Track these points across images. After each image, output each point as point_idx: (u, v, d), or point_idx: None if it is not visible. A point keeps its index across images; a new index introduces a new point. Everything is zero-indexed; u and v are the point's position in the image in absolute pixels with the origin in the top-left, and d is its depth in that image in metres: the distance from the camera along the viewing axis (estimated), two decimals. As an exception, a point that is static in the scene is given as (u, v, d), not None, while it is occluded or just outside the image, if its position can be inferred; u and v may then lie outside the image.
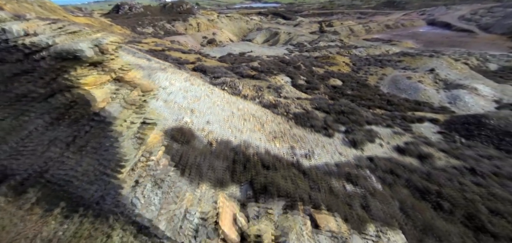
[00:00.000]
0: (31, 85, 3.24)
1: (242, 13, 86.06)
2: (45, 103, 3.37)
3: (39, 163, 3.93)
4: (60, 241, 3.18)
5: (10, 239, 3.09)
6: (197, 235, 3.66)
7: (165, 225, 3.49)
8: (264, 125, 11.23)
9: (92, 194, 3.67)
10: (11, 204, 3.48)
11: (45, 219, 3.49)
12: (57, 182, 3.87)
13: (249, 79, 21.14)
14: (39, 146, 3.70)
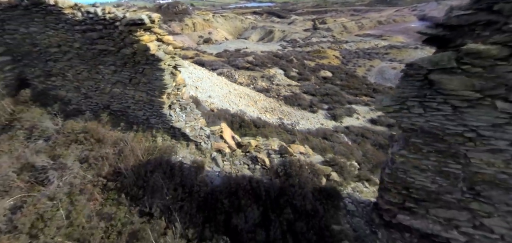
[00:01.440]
0: (107, 44, 5.39)
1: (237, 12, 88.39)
2: (115, 56, 5.51)
3: (104, 98, 6.09)
4: (132, 145, 5.32)
5: (100, 134, 5.23)
6: (209, 139, 5.83)
7: (189, 132, 5.64)
8: (257, 102, 13.40)
9: (141, 116, 5.83)
10: (93, 121, 5.64)
11: (114, 130, 5.64)
12: (118, 111, 6.02)
13: (244, 70, 23.36)
14: (108, 86, 5.85)
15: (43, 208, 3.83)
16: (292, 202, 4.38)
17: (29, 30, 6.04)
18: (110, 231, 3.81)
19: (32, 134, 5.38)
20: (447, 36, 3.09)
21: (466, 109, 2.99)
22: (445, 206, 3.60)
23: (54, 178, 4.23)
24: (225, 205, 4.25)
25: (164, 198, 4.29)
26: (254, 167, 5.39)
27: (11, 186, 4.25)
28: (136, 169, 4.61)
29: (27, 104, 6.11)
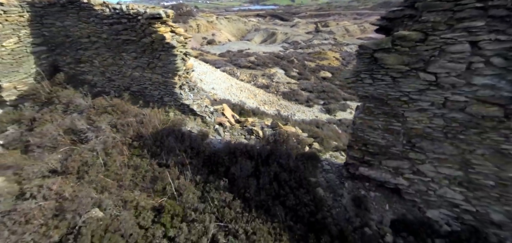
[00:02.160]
0: (130, 35, 6.63)
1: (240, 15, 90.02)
2: (136, 45, 6.74)
3: (125, 81, 7.32)
4: (150, 117, 6.51)
5: (124, 108, 6.45)
6: (212, 115, 7.02)
7: (196, 108, 6.84)
8: (256, 95, 14.60)
9: (157, 95, 7.05)
10: (117, 98, 6.86)
11: (134, 106, 6.86)
12: (138, 92, 7.25)
13: (246, 69, 24.61)
14: (129, 70, 7.08)
15: (86, 157, 5.03)
16: (279, 160, 5.54)
17: (64, 23, 7.31)
18: (136, 175, 5.00)
19: (68, 108, 6.63)
20: (388, 26, 4.26)
21: (400, 79, 4.15)
22: (392, 157, 4.74)
23: (92, 137, 5.45)
24: (225, 161, 5.42)
25: (177, 155, 5.47)
26: (250, 137, 6.56)
27: (58, 143, 5.48)
28: (154, 134, 5.81)
29: (61, 85, 7.37)
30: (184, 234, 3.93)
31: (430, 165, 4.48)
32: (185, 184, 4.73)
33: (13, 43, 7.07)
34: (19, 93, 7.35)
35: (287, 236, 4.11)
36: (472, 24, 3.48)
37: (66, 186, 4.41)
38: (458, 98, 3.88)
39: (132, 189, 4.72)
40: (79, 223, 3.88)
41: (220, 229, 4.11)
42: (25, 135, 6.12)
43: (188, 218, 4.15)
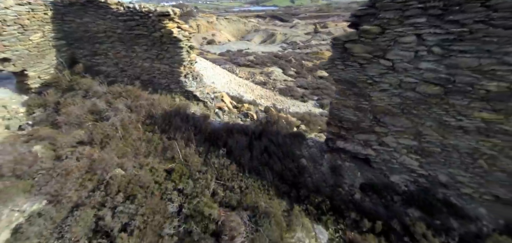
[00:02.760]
0: (142, 30, 7.66)
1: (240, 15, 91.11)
2: (147, 39, 7.76)
3: (136, 71, 8.34)
4: (158, 101, 7.50)
5: (137, 93, 7.46)
6: (213, 100, 8.05)
7: (199, 94, 7.87)
8: (254, 90, 15.63)
9: (164, 83, 8.07)
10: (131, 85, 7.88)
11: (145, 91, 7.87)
12: (147, 81, 8.27)
13: (245, 67, 25.65)
14: (140, 62, 8.11)
15: (107, 131, 6.04)
16: (269, 137, 6.55)
17: (82, 20, 8.34)
18: (149, 146, 6.00)
19: (87, 94, 7.65)
20: (357, 21, 5.28)
21: (366, 65, 5.17)
22: (362, 131, 5.76)
23: (111, 116, 6.47)
24: (224, 136, 6.43)
25: (183, 132, 6.48)
26: (245, 119, 7.58)
27: (82, 121, 6.49)
28: (163, 115, 6.82)
29: (80, 75, 8.39)
30: (190, 187, 4.94)
31: (392, 137, 5.50)
32: (190, 153, 5.74)
33: (39, 38, 8.09)
34: (42, 82, 8.36)
35: (274, 191, 5.11)
36: (416, 21, 4.51)
37: (93, 152, 5.42)
38: (409, 80, 4.90)
39: (146, 156, 5.72)
40: (106, 178, 4.89)
41: (219, 185, 5.12)
42: (51, 115, 7.14)
43: (194, 177, 5.16)
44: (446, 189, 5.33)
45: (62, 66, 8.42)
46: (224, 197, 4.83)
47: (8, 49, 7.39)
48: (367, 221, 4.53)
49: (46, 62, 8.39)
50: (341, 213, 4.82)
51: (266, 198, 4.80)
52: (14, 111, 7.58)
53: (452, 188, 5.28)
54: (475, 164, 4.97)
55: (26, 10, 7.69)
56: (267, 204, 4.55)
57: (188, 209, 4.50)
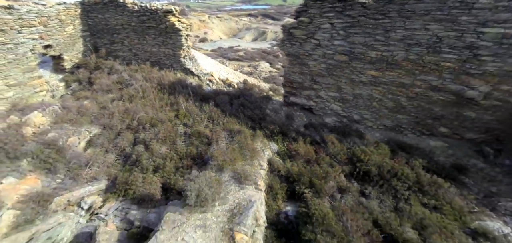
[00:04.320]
0: (151, 23, 10.59)
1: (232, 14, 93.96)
2: (155, 30, 10.69)
3: (146, 55, 11.26)
4: (165, 75, 10.47)
5: (149, 70, 10.38)
6: (205, 75, 11.03)
7: (194, 70, 10.85)
8: (240, 77, 18.61)
9: (168, 63, 11.02)
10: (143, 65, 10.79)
11: (154, 69, 10.79)
12: (155, 61, 11.20)
13: (235, 61, 28.63)
14: (149, 47, 11.03)
15: (132, 93, 8.96)
16: (245, 97, 9.56)
17: (104, 16, 11.21)
18: (162, 102, 8.93)
19: (111, 71, 10.52)
20: (297, 15, 8.32)
21: (303, 43, 8.23)
22: (305, 89, 8.81)
23: (133, 83, 9.38)
24: (213, 96, 9.41)
25: (184, 94, 9.43)
26: (229, 88, 10.57)
27: (111, 88, 9.38)
28: (169, 84, 9.75)
29: (103, 58, 11.25)
30: (191, 122, 7.90)
31: (324, 92, 8.58)
32: (190, 105, 8.70)
33: (71, 30, 10.92)
34: (73, 64, 11.19)
35: (245, 126, 8.11)
36: (329, 14, 7.59)
37: (125, 105, 8.33)
38: (329, 52, 7.98)
39: (160, 108, 8.66)
40: (136, 118, 7.81)
41: (209, 121, 8.09)
42: (85, 86, 10.00)
43: (193, 116, 8.13)
44: (358, 124, 8.43)
45: (90, 51, 11.27)
46: (212, 127, 7.81)
47: (50, 38, 10.21)
48: (301, 137, 7.56)
49: (76, 49, 11.23)
50: (286, 135, 7.85)
51: (239, 126, 7.80)
52: (55, 85, 10.41)
53: (361, 123, 8.39)
54: (372, 105, 8.08)
55: (63, 9, 10.52)
56: (239, 127, 7.55)
57: (190, 132, 7.46)
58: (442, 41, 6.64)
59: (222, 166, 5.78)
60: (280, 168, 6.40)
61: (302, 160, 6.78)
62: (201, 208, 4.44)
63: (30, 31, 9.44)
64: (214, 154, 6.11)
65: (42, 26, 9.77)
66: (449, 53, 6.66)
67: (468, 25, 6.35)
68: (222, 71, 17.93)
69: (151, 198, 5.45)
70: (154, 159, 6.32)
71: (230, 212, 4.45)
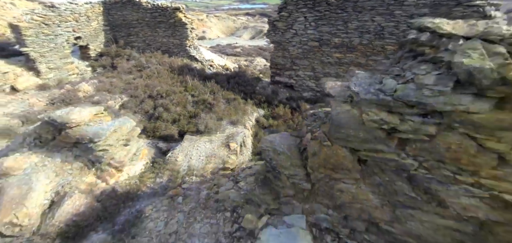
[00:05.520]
0: (162, 18, 13.14)
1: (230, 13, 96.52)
2: (165, 24, 13.23)
3: (157, 45, 13.82)
4: (174, 61, 13.04)
5: (161, 56, 12.92)
6: (207, 61, 13.57)
7: (198, 57, 13.40)
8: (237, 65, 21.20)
9: (176, 51, 13.57)
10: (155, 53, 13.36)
11: (165, 56, 13.34)
12: (165, 50, 13.74)
13: (232, 56, 31.20)
14: (160, 38, 13.57)
15: (149, 73, 11.48)
16: (239, 77, 12.11)
17: (122, 13, 13.75)
18: (173, 80, 11.46)
19: (129, 58, 13.06)
20: (279, 10, 10.87)
21: (284, 33, 10.78)
22: (287, 70, 11.36)
23: (150, 66, 11.91)
24: (213, 77, 11.96)
25: (190, 75, 11.97)
26: (227, 71, 13.12)
27: (131, 71, 11.91)
28: (178, 67, 12.28)
29: (121, 48, 13.78)
30: (196, 93, 10.42)
31: (301, 72, 11.11)
32: (195, 82, 11.23)
33: (95, 24, 13.45)
34: (97, 53, 13.70)
35: (239, 96, 10.64)
36: (303, 9, 10.15)
37: (145, 79, 10.86)
38: (304, 39, 10.52)
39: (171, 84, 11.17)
40: (154, 90, 10.33)
41: (211, 94, 10.61)
42: (109, 70, 12.51)
43: (198, 89, 10.66)
44: (328, 97, 10.96)
45: (111, 42, 13.80)
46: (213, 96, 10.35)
47: (80, 31, 12.72)
48: (282, 104, 10.09)
49: (99, 40, 13.75)
50: (271, 104, 10.37)
51: (234, 96, 10.33)
52: (83, 70, 12.93)
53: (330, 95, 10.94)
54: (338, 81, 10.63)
55: (90, 7, 13.05)
56: (235, 97, 10.08)
57: (196, 100, 9.99)
58: (384, 30, 9.20)
59: (221, 117, 8.31)
60: (264, 123, 8.95)
61: (281, 119, 9.33)
62: (208, 134, 6.96)
63: (66, 25, 11.95)
64: (215, 110, 8.64)
65: (75, 21, 12.29)
66: (390, 39, 9.22)
67: (400, 17, 8.91)
68: (221, 60, 20.45)
69: (171, 137, 7.96)
70: (172, 115, 8.84)
71: (227, 136, 6.97)
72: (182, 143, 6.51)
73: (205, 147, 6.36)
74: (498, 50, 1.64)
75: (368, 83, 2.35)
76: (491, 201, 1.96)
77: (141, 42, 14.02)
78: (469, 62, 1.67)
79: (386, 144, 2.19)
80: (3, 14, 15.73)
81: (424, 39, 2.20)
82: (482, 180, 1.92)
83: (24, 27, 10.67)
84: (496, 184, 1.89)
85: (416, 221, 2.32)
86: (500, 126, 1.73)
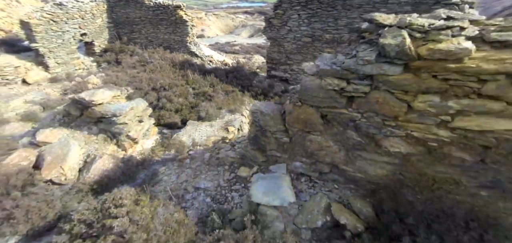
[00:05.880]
0: (164, 15, 14.06)
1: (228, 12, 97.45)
2: (167, 21, 14.15)
3: (159, 41, 14.75)
4: (175, 56, 14.00)
5: (162, 52, 13.86)
6: (206, 57, 14.51)
7: (198, 53, 14.34)
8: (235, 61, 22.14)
9: (177, 47, 14.50)
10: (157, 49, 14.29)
11: (166, 52, 14.28)
12: (166, 46, 14.67)
13: (231, 53, 32.16)
14: (162, 35, 14.50)
15: (152, 68, 12.42)
16: (237, 72, 13.05)
17: (126, 11, 14.68)
18: (175, 74, 12.39)
19: (133, 53, 13.98)
20: (276, 8, 11.82)
21: (280, 29, 11.73)
22: (282, 64, 12.30)
23: (153, 61, 12.85)
24: (213, 71, 12.90)
25: (191, 70, 12.90)
26: (225, 66, 14.06)
27: (135, 65, 12.84)
28: (179, 62, 13.21)
29: (125, 44, 14.71)
30: (197, 86, 11.36)
31: (295, 66, 12.06)
32: (196, 76, 12.17)
33: (100, 21, 14.37)
34: (101, 49, 14.62)
35: (237, 89, 11.57)
36: (296, 7, 11.10)
37: (148, 73, 11.79)
38: (298, 35, 11.47)
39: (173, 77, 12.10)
40: (158, 83, 11.26)
41: (210, 87, 11.55)
42: (113, 64, 13.43)
43: (198, 83, 11.59)
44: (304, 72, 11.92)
45: (115, 38, 14.72)
46: (213, 89, 11.28)
47: (86, 28, 13.64)
48: (277, 97, 11.03)
49: (103, 37, 14.67)
50: (267, 95, 11.31)
51: (233, 88, 11.27)
52: (89, 65, 13.84)
53: (322, 87, 11.90)
54: (329, 74, 11.59)
55: (95, 4, 13.96)
56: (233, 89, 11.02)
57: (197, 92, 10.92)
58: (371, 26, 10.16)
59: (220, 107, 9.25)
60: (260, 111, 9.88)
61: (276, 108, 10.28)
62: (208, 120, 7.89)
63: (72, 22, 12.87)
64: (215, 100, 9.57)
65: (81, 18, 13.21)
66: (376, 34, 10.18)
67: (385, 14, 9.87)
68: (220, 56, 21.39)
69: (175, 124, 8.89)
70: (174, 105, 9.77)
71: (225, 122, 7.90)
72: (185, 127, 7.44)
73: (206, 130, 7.29)
74: (401, 33, 2.55)
75: (328, 60, 3.29)
76: (406, 139, 2.88)
77: (144, 38, 14.94)
78: (384, 41, 2.59)
79: (338, 102, 3.11)
80: (10, 12, 16.63)
81: (366, 27, 3.13)
82: (400, 123, 2.84)
83: (35, 24, 11.58)
84: (408, 125, 2.81)
85: (362, 159, 3.24)
86: (406, 83, 2.66)
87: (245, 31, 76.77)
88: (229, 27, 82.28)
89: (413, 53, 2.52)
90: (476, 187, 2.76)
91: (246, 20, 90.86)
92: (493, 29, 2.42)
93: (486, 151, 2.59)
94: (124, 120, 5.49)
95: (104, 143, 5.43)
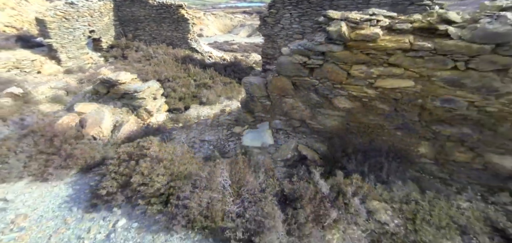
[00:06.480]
0: (167, 14, 15.52)
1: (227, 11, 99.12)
2: (169, 19, 15.60)
3: (162, 38, 16.19)
4: (177, 52, 15.47)
5: (166, 48, 15.30)
6: (206, 53, 15.95)
7: (198, 49, 15.80)
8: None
9: (179, 44, 15.95)
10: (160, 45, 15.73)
11: (169, 47, 15.72)
12: (169, 43, 16.11)
13: (229, 52, 33.65)
14: (165, 32, 15.94)
15: (156, 62, 13.85)
16: (235, 66, 14.50)
17: (131, 9, 16.13)
18: (177, 67, 13.82)
19: (138, 49, 15.42)
20: (270, 8, 13.28)
21: (273, 26, 13.19)
22: (275, 59, 13.74)
23: (157, 56, 14.29)
24: (212, 65, 14.35)
25: (192, 64, 14.34)
26: (224, 60, 15.50)
27: (141, 60, 14.28)
28: (181, 57, 14.65)
29: (130, 41, 16.14)
30: (198, 78, 12.79)
31: (287, 59, 13.51)
32: (196, 70, 13.61)
33: (107, 19, 15.81)
34: (108, 45, 16.05)
35: (234, 80, 13.01)
36: (288, 7, 12.57)
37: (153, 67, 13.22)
38: (290, 32, 12.92)
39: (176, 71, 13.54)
40: (162, 75, 12.69)
41: (210, 79, 12.97)
42: (119, 60, 14.86)
43: (199, 75, 13.02)
44: (310, 81, 13.39)
45: (121, 35, 16.16)
46: (212, 81, 12.71)
47: (94, 25, 15.08)
48: (270, 87, 12.48)
49: (109, 34, 16.11)
50: (261, 86, 12.75)
51: (230, 80, 12.70)
52: (97, 60, 15.27)
53: (312, 80, 13.36)
54: (318, 67, 13.06)
55: (103, 3, 15.42)
56: (230, 81, 12.45)
57: (198, 83, 12.35)
58: (355, 24, 11.64)
59: (219, 95, 10.69)
60: (255, 100, 11.32)
61: (269, 97, 11.73)
62: (209, 105, 9.30)
63: (82, 20, 14.31)
64: (215, 89, 11.01)
65: (90, 16, 14.65)
66: (359, 31, 11.65)
67: (367, 13, 11.34)
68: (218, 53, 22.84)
69: (179, 110, 10.31)
70: (178, 94, 11.19)
71: (224, 106, 9.32)
72: (188, 110, 8.85)
73: (207, 111, 8.70)
74: (340, 23, 3.97)
75: (297, 43, 4.71)
76: (349, 97, 4.29)
77: (148, 35, 16.38)
78: (329, 28, 4.01)
79: (303, 72, 4.53)
80: (20, 11, 18.07)
81: (322, 20, 4.55)
82: (343, 86, 4.26)
83: (49, 21, 13.01)
84: (349, 87, 4.22)
85: (322, 115, 4.64)
86: (345, 57, 4.08)
87: (243, 31, 78.47)
88: (227, 27, 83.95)
89: (347, 36, 3.95)
90: (393, 129, 4.19)
91: (244, 20, 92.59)
92: (396, 21, 3.86)
93: (396, 102, 4.02)
94: (142, 95, 6.89)
95: (127, 114, 6.84)
